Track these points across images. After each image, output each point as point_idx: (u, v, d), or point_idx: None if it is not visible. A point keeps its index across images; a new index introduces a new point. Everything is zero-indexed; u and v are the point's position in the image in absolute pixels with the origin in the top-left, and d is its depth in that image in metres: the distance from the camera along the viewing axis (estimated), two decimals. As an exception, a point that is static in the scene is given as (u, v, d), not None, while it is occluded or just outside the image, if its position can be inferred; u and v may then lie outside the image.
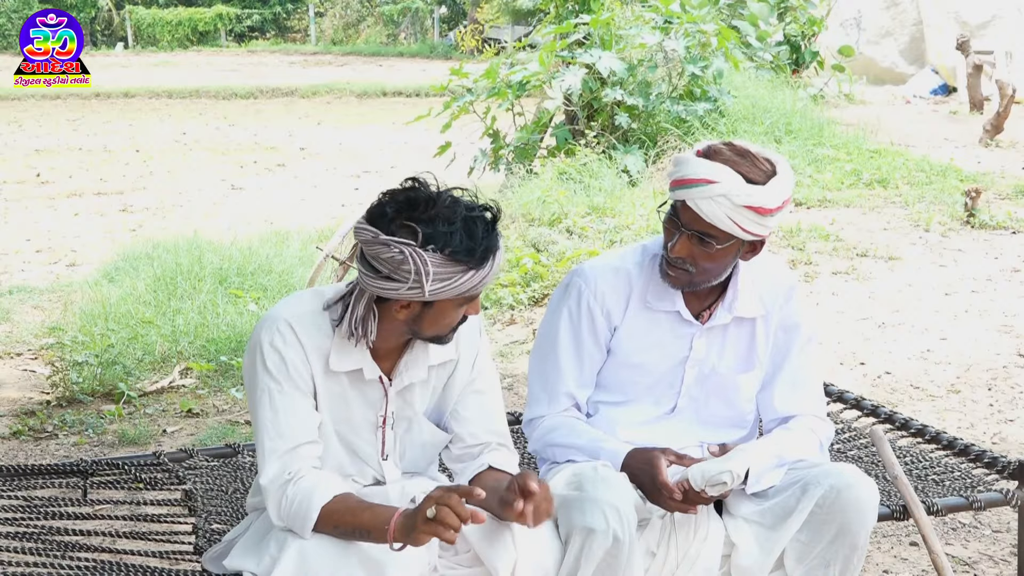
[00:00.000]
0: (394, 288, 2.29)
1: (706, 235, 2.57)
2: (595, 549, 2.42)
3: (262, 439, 2.39)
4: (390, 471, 2.55)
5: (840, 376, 5.43)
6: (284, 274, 7.12)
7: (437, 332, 2.40)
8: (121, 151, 15.62)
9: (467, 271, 2.28)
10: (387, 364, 2.48)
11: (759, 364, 2.80)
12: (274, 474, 2.36)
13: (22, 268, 8.56)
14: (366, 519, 2.27)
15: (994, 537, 3.94)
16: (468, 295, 2.34)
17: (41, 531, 2.82)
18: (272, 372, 2.38)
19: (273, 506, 2.36)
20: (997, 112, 12.18)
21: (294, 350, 2.39)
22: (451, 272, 2.27)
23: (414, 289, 2.27)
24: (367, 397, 2.48)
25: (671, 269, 2.64)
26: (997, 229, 8.26)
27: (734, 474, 2.51)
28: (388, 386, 2.48)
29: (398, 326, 2.40)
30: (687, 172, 2.56)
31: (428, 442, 2.60)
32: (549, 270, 6.93)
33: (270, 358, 2.38)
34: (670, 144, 10.24)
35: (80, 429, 4.96)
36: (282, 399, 2.38)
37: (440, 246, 2.25)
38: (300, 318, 2.41)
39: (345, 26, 37.24)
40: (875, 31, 17.55)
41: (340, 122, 18.93)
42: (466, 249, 2.26)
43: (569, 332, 2.76)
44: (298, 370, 2.39)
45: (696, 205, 2.54)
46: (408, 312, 2.36)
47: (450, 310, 2.36)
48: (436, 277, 2.26)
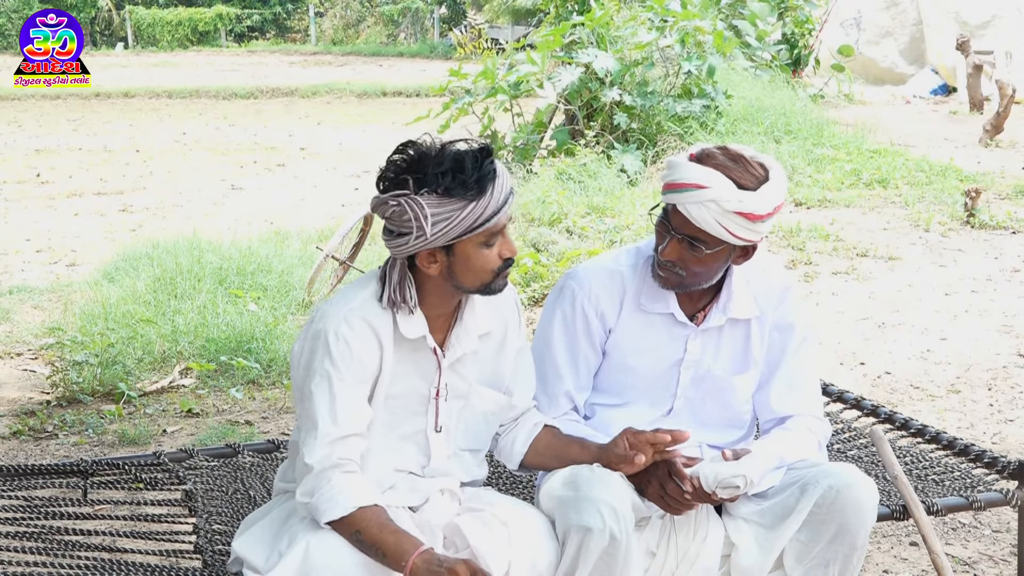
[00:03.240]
0: (405, 242, 2.35)
1: (696, 239, 2.57)
2: (592, 548, 2.42)
3: (316, 422, 2.39)
4: (438, 446, 2.56)
5: (840, 376, 5.43)
6: (284, 274, 7.11)
7: (479, 280, 2.43)
8: (121, 151, 15.61)
9: (467, 204, 2.33)
10: (439, 337, 2.53)
11: (754, 365, 2.80)
12: (322, 455, 2.38)
13: (22, 268, 8.55)
14: (390, 542, 2.29)
15: (994, 537, 3.94)
16: (485, 230, 2.37)
17: (41, 531, 2.83)
18: (336, 361, 2.40)
19: (310, 484, 2.38)
20: (997, 112, 12.18)
21: (362, 337, 2.42)
22: (450, 209, 2.33)
23: (420, 237, 2.33)
24: (423, 369, 2.52)
25: (662, 271, 2.65)
26: (997, 229, 8.27)
27: (748, 479, 2.51)
28: (442, 357, 2.51)
29: (439, 286, 2.45)
30: (678, 176, 2.56)
31: (490, 411, 2.63)
32: (549, 270, 6.93)
33: (336, 347, 2.40)
34: (669, 144, 10.24)
35: (80, 429, 4.96)
36: (341, 387, 2.41)
37: (433, 188, 2.33)
38: (364, 304, 2.45)
39: (345, 26, 37.24)
40: (875, 31, 17.55)
41: (340, 122, 18.92)
42: (459, 183, 2.32)
43: (564, 335, 2.76)
44: (362, 361, 2.42)
45: (686, 210, 2.54)
46: (438, 266, 2.41)
47: (475, 252, 2.40)
48: (436, 217, 2.33)
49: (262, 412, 5.15)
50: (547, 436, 2.67)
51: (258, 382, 5.49)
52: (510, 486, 3.16)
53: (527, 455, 2.68)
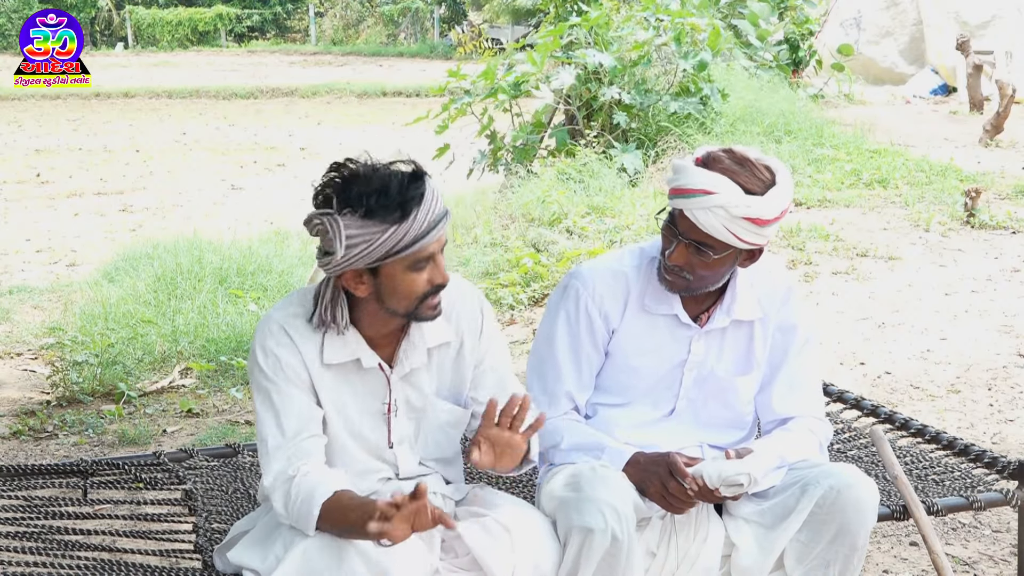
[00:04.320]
0: (330, 261, 2.32)
1: (703, 244, 2.56)
2: (594, 549, 2.42)
3: (265, 439, 2.40)
4: (404, 460, 2.55)
5: (840, 376, 5.42)
6: (284, 274, 7.12)
7: (407, 304, 2.39)
8: (121, 151, 15.62)
9: (387, 228, 2.29)
10: (387, 352, 2.50)
11: (757, 366, 2.80)
12: (278, 470, 2.38)
13: (22, 268, 8.56)
14: (354, 517, 2.25)
15: (994, 537, 3.94)
16: (410, 254, 2.32)
17: (41, 531, 2.83)
18: (268, 373, 2.41)
19: (280, 503, 2.37)
20: (997, 112, 12.17)
21: (287, 350, 2.42)
22: (371, 232, 2.29)
23: (341, 256, 2.30)
24: (370, 386, 2.49)
25: (668, 275, 2.64)
26: (997, 229, 8.26)
27: (752, 477, 2.51)
28: (389, 373, 2.50)
29: (372, 308, 2.42)
30: (685, 181, 2.54)
31: (448, 422, 2.60)
32: (549, 270, 6.93)
33: (264, 360, 2.41)
34: (669, 144, 10.23)
35: (80, 429, 4.96)
36: (280, 398, 2.41)
37: (355, 208, 2.29)
38: (292, 318, 2.44)
39: (345, 26, 37.24)
40: (875, 31, 17.54)
41: (340, 122, 18.93)
42: (381, 206, 2.28)
43: (567, 334, 2.75)
44: (294, 369, 2.42)
45: (693, 215, 2.53)
46: (365, 287, 2.38)
47: (401, 275, 2.36)
48: (356, 239, 2.29)
49: (262, 412, 5.15)
50: None
51: (258, 382, 5.49)
52: (510, 485, 3.16)
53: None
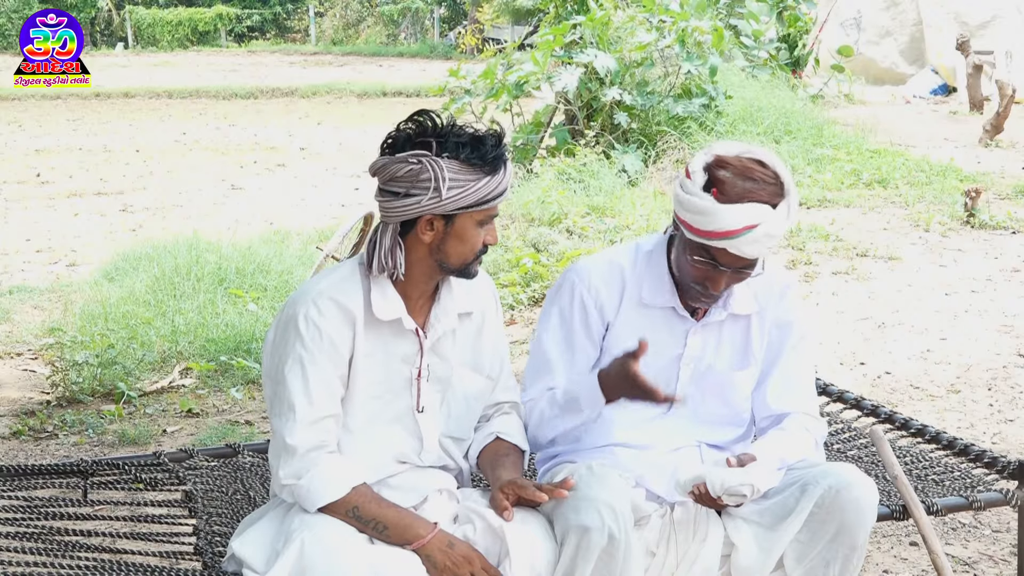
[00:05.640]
0: (415, 203, 2.40)
1: (747, 268, 2.61)
2: (591, 548, 2.41)
3: (293, 404, 2.43)
4: (427, 429, 2.59)
5: (840, 376, 5.42)
6: (284, 274, 7.12)
7: (462, 259, 2.48)
8: (121, 151, 15.61)
9: (482, 177, 2.41)
10: (419, 319, 2.55)
11: (755, 361, 2.80)
12: (304, 436, 2.42)
13: (22, 268, 8.56)
14: (391, 515, 2.40)
15: (994, 537, 3.94)
16: (487, 209, 2.44)
17: (41, 531, 2.82)
18: (307, 344, 2.44)
19: (295, 467, 2.41)
20: (997, 112, 12.18)
21: (332, 319, 2.45)
22: (467, 179, 2.40)
23: (434, 198, 2.38)
24: (403, 351, 2.54)
25: (704, 299, 2.67)
26: (997, 229, 8.26)
27: (755, 488, 2.51)
28: (423, 338, 2.54)
29: (423, 261, 2.48)
30: (722, 224, 2.52)
31: (472, 394, 2.65)
32: (549, 270, 6.93)
33: (305, 330, 2.44)
34: (669, 144, 10.23)
35: (80, 429, 4.96)
36: (314, 369, 2.44)
37: (454, 154, 2.40)
38: (334, 285, 2.49)
39: (345, 26, 37.23)
40: (875, 31, 17.55)
41: (340, 122, 18.92)
42: (479, 156, 2.40)
43: (560, 327, 2.76)
44: (333, 342, 2.45)
45: (739, 250, 2.55)
46: (432, 235, 2.45)
47: (470, 228, 2.45)
48: (453, 183, 2.39)
49: (262, 412, 5.15)
50: (496, 449, 2.66)
51: (258, 382, 5.49)
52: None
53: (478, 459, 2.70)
